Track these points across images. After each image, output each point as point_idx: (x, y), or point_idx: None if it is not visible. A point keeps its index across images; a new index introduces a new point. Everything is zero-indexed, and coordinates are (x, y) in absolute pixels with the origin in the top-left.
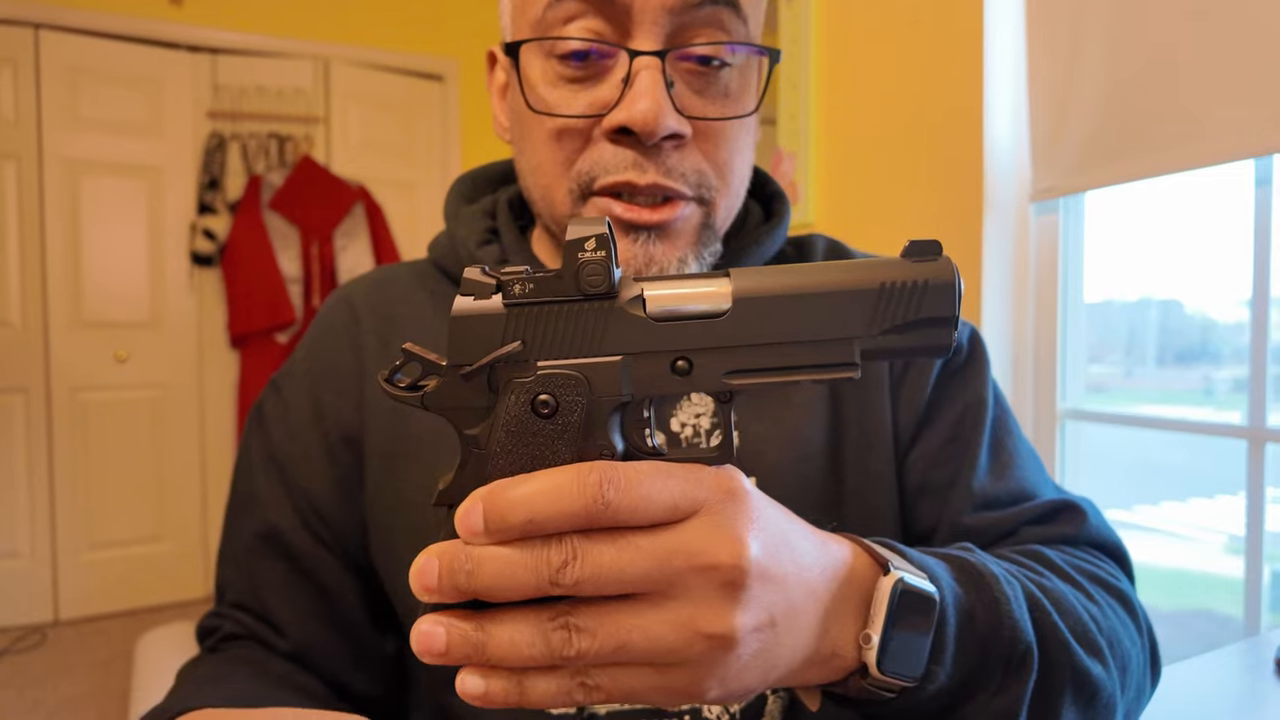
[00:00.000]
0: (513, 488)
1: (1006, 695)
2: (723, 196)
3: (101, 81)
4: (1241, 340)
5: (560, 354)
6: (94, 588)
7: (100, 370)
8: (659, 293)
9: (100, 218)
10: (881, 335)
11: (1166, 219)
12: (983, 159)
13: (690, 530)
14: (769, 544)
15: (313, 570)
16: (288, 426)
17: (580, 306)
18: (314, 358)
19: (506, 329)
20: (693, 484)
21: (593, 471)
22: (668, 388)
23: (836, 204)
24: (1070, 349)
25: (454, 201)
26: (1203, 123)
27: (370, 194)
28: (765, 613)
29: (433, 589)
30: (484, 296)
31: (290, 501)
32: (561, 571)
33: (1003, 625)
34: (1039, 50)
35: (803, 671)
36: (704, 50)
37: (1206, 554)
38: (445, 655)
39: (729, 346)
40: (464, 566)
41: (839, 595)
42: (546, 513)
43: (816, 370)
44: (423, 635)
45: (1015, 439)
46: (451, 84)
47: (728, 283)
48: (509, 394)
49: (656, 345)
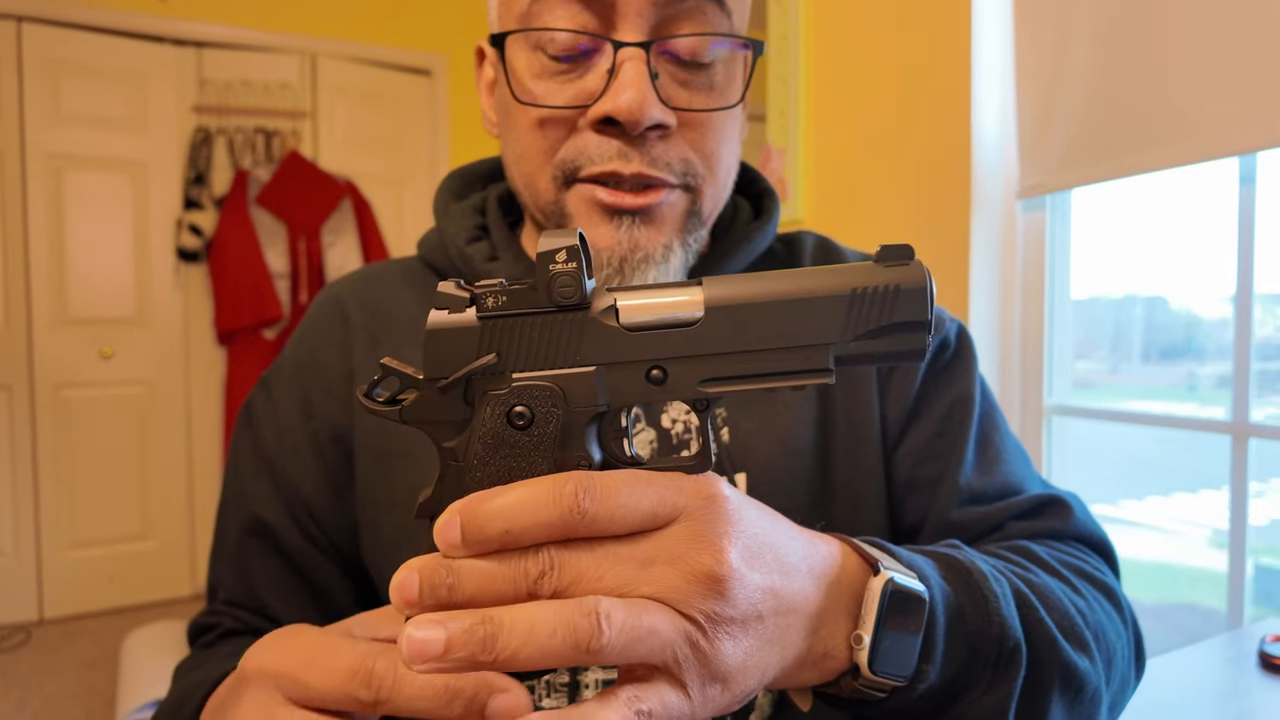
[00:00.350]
0: (489, 500)
1: (996, 693)
2: (709, 185)
3: (85, 75)
4: (1225, 336)
5: (535, 366)
6: (79, 586)
7: (85, 367)
8: (631, 303)
9: (84, 213)
10: (855, 341)
11: (1152, 216)
12: (970, 156)
13: (669, 537)
14: (750, 547)
15: (304, 568)
16: (277, 425)
17: (554, 318)
18: (302, 357)
19: (481, 342)
20: (671, 491)
21: (569, 482)
22: (643, 397)
23: (825, 201)
24: (1057, 345)
25: (443, 198)
26: (1188, 121)
27: (358, 189)
28: (753, 611)
29: (414, 603)
30: (458, 310)
31: (280, 499)
32: (540, 581)
33: (991, 623)
34: (1026, 49)
35: (796, 672)
36: (689, 43)
37: (1190, 548)
38: (445, 656)
39: (703, 355)
40: (445, 580)
41: (829, 596)
42: (523, 524)
43: (791, 376)
44: (417, 642)
45: (1002, 434)
46: (440, 79)
47: (700, 291)
48: (485, 406)
49: (630, 355)
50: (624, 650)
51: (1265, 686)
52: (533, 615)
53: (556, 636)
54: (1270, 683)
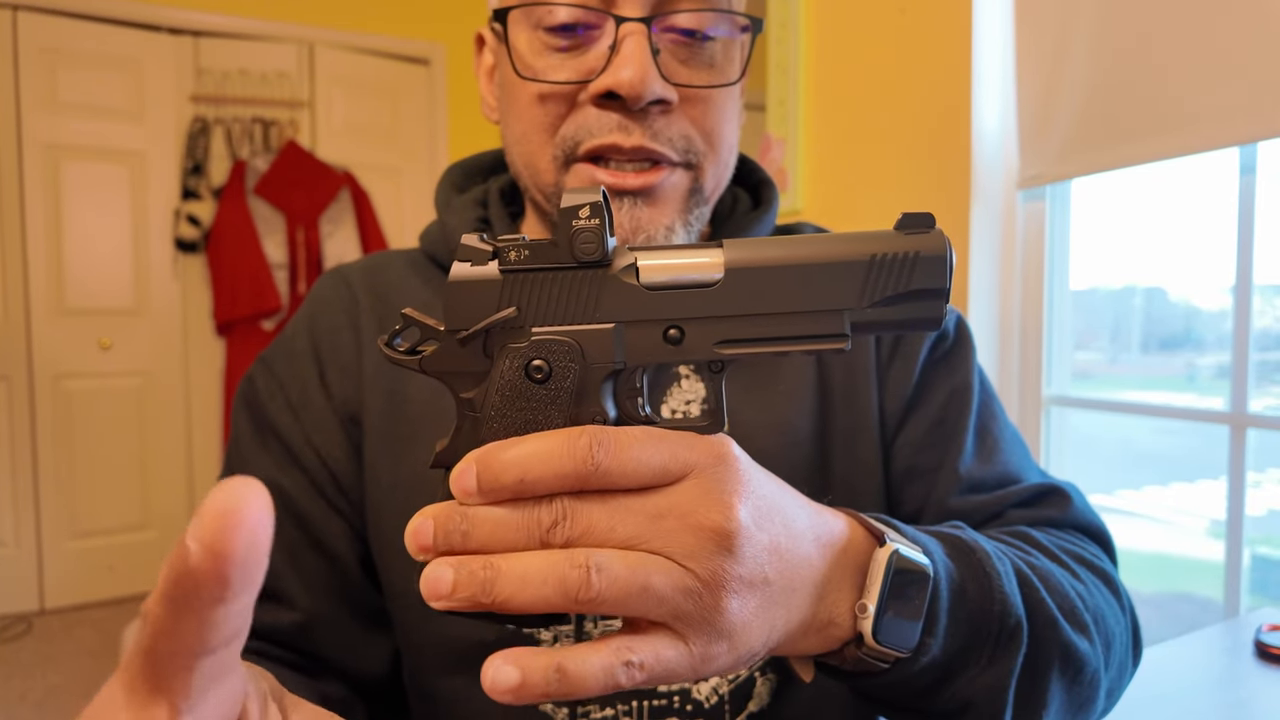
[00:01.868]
0: (505, 449)
1: (996, 669)
2: (710, 163)
3: (81, 64)
4: (1224, 327)
5: (554, 320)
6: (79, 576)
7: (84, 358)
8: (652, 262)
9: (82, 203)
10: (872, 307)
11: (1151, 207)
12: (970, 146)
13: (680, 492)
14: (760, 508)
15: (322, 538)
16: (288, 398)
17: (574, 274)
18: (317, 332)
19: (502, 295)
20: (684, 448)
21: (583, 435)
22: (660, 356)
23: (825, 191)
24: (1056, 336)
25: (445, 191)
26: (1188, 111)
27: (356, 179)
28: (759, 570)
29: (428, 548)
30: (480, 263)
31: (297, 466)
32: (552, 531)
33: (993, 600)
34: (1027, 40)
35: (799, 638)
36: (689, 19)
37: (1188, 538)
38: (452, 595)
39: (721, 316)
40: (459, 526)
41: (835, 564)
42: (538, 473)
43: (807, 341)
44: (431, 579)
45: (1001, 424)
46: (438, 68)
47: (720, 253)
48: (504, 359)
49: (649, 314)
50: (617, 602)
51: (1261, 675)
52: (526, 563)
53: (547, 585)
54: (1266, 671)
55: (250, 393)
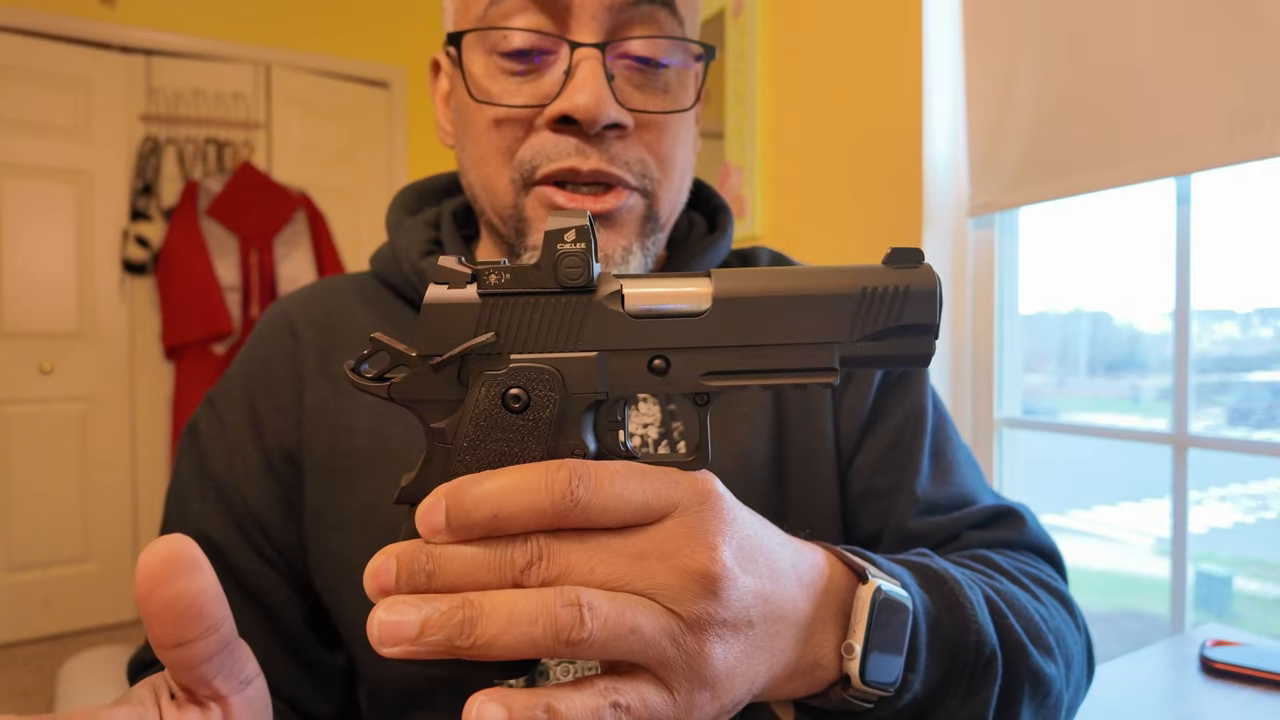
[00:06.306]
0: (478, 483)
1: (974, 700)
2: (664, 189)
3: (27, 81)
4: (1165, 351)
5: (534, 347)
6: (14, 611)
7: (23, 382)
8: (639, 290)
9: (24, 223)
10: (862, 341)
11: (1096, 234)
12: (922, 175)
13: (662, 533)
14: (744, 549)
15: (255, 589)
16: (226, 444)
17: (557, 299)
18: (251, 373)
19: (480, 319)
20: (667, 485)
21: (562, 469)
22: (644, 387)
23: (782, 217)
24: (1007, 359)
25: (397, 212)
26: (1129, 144)
27: (313, 201)
28: (744, 614)
29: (389, 590)
30: (458, 285)
31: (230, 518)
32: (526, 572)
33: (969, 631)
34: (976, 75)
35: (785, 683)
36: (643, 45)
37: (1136, 556)
38: (418, 638)
39: (708, 347)
40: (424, 566)
41: (818, 604)
42: (513, 509)
43: (795, 374)
44: (390, 623)
45: (955, 446)
46: (398, 92)
47: (708, 283)
48: (479, 386)
49: (634, 342)
50: (606, 645)
51: (1207, 690)
52: (513, 602)
53: (537, 625)
54: (1211, 686)
55: (193, 435)
